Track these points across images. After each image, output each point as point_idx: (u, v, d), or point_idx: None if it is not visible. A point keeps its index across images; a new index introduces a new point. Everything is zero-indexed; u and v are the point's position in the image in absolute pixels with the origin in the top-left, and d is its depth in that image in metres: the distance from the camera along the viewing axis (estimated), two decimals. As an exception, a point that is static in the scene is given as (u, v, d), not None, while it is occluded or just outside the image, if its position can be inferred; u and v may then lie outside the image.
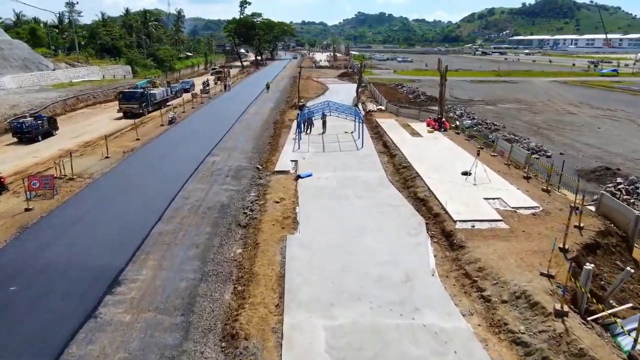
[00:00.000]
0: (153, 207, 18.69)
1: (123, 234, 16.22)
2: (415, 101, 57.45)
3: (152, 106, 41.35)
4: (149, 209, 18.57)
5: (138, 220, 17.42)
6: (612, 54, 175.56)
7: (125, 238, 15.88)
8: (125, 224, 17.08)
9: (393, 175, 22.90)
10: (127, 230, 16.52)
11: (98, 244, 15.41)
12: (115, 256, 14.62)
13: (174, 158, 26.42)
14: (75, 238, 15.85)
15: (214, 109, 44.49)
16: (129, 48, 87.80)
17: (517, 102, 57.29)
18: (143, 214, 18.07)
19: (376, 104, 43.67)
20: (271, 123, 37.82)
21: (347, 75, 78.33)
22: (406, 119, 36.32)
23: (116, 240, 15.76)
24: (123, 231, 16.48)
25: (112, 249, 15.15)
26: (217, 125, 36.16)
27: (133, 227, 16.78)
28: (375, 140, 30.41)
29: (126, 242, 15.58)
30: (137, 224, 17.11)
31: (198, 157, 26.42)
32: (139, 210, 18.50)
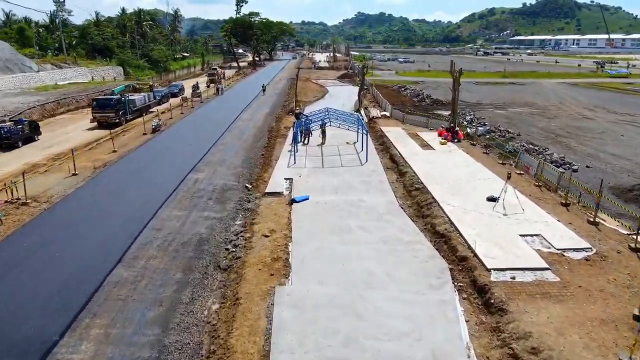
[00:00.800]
0: (114, 244, 15.22)
1: (68, 286, 12.75)
2: (420, 105, 53.99)
3: (131, 114, 36.77)
4: (108, 247, 15.09)
5: (92, 264, 13.95)
6: (616, 54, 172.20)
7: (70, 292, 12.42)
8: (75, 270, 13.60)
9: (404, 199, 19.43)
10: (74, 280, 13.03)
11: (33, 302, 11.95)
12: (51, 320, 11.18)
13: (151, 175, 22.92)
14: (5, 293, 12.38)
15: (204, 115, 40.99)
16: (121, 48, 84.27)
17: (528, 106, 53.80)
18: (100, 254, 14.58)
19: (380, 110, 40.18)
20: (265, 131, 34.34)
21: (347, 77, 74.85)
22: (414, 127, 32.83)
23: (57, 295, 12.29)
24: (69, 281, 13.00)
25: (49, 308, 11.69)
26: (206, 134, 32.70)
27: (83, 275, 13.30)
28: (381, 153, 26.93)
29: (70, 297, 12.12)
30: (90, 269, 13.64)
31: (179, 174, 22.94)
32: (96, 248, 15.01)
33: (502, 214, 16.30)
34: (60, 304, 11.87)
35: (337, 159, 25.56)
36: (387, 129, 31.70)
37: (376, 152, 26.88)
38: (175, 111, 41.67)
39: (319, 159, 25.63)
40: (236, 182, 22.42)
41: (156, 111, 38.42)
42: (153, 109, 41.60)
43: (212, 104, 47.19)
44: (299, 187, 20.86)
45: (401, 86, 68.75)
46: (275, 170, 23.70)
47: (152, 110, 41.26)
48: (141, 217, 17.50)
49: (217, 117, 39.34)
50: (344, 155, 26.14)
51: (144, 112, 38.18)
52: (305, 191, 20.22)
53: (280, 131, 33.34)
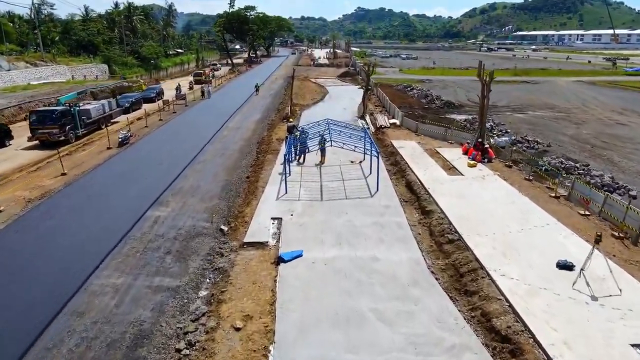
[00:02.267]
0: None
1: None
2: (429, 107, 48.44)
3: (84, 127, 29.45)
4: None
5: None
6: (623, 50, 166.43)
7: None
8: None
9: (434, 256, 13.99)
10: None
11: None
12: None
13: (97, 213, 17.43)
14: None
15: (186, 123, 35.39)
16: (108, 44, 78.41)
17: (549, 109, 48.26)
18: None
19: (388, 116, 34.65)
20: (254, 143, 28.84)
21: (349, 76, 69.15)
22: (430, 140, 27.31)
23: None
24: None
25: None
26: (183, 148, 27.22)
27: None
28: (395, 177, 21.44)
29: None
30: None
31: (135, 211, 17.49)
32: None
33: (588, 296, 10.85)
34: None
35: (340, 185, 20.08)
36: (399, 143, 26.16)
37: (388, 176, 21.39)
38: (153, 118, 36.12)
39: (316, 186, 20.14)
40: (208, 223, 16.96)
41: (127, 120, 32.34)
42: (117, 119, 34.44)
43: (197, 109, 41.54)
44: (290, 232, 15.44)
45: (407, 86, 63.11)
46: (261, 203, 18.23)
47: (115, 120, 34.15)
48: (60, 292, 12.06)
49: (200, 125, 33.77)
50: (349, 181, 20.66)
51: (105, 124, 31.74)
52: (298, 238, 14.83)
53: (272, 144, 27.81)
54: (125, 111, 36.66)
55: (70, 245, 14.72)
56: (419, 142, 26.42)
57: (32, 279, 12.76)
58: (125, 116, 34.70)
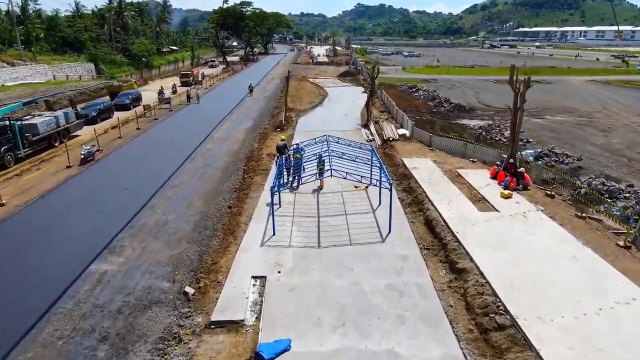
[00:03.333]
0: None
1: None
2: (438, 111, 44.14)
3: (29, 146, 24.07)
4: None
5: None
6: (627, 47, 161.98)
7: None
8: None
9: (478, 353, 9.74)
10: None
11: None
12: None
13: (22, 270, 13.16)
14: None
15: (166, 132, 31.04)
16: (96, 42, 73.88)
17: (569, 113, 43.99)
18: None
19: (395, 125, 30.38)
20: (241, 159, 24.55)
21: (349, 75, 64.71)
22: (448, 157, 23.03)
23: None
24: None
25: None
26: (156, 165, 22.98)
27: None
28: (410, 209, 17.16)
29: None
30: None
31: (76, 263, 13.27)
32: None
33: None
34: None
35: (343, 222, 15.83)
36: (411, 161, 21.84)
37: (401, 207, 17.14)
38: (131, 126, 31.80)
39: (313, 223, 15.90)
40: (169, 281, 12.75)
41: (94, 132, 27.52)
42: (78, 132, 29.20)
43: (183, 115, 37.06)
44: (276, 302, 11.24)
45: (411, 86, 58.70)
46: (242, 251, 14.01)
47: (75, 134, 28.85)
48: None
49: (182, 136, 29.44)
50: (354, 216, 16.41)
51: (60, 140, 26.47)
52: (286, 314, 10.66)
53: (262, 161, 23.52)
54: (92, 122, 31.42)
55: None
56: (435, 159, 22.11)
57: None
58: (93, 127, 29.72)
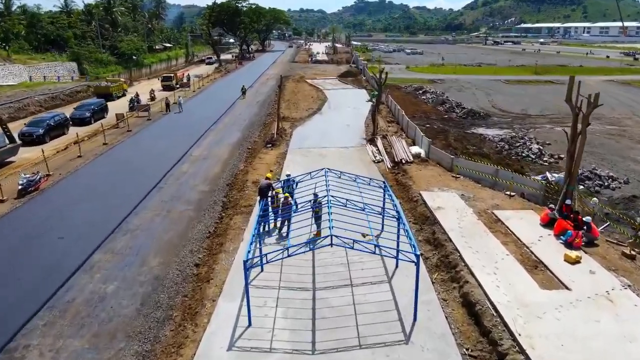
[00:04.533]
0: None
1: None
2: (450, 118, 39.39)
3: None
4: None
5: None
6: (634, 43, 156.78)
7: None
8: None
9: None
10: None
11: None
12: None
13: None
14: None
15: (138, 148, 26.20)
16: (81, 39, 68.84)
17: (595, 119, 38.75)
18: None
19: (405, 140, 25.66)
20: (221, 189, 19.81)
21: (350, 75, 59.73)
22: (476, 188, 18.32)
23: None
24: None
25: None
26: (113, 198, 18.28)
27: None
28: (440, 276, 12.44)
29: None
30: None
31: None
32: None
33: None
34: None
35: (348, 304, 11.17)
36: (432, 196, 17.09)
37: (424, 267, 12.48)
38: (98, 140, 27.02)
39: (306, 305, 11.22)
40: None
41: (42, 154, 21.82)
42: (13, 158, 23.12)
43: (160, 126, 31.89)
44: None
45: (417, 87, 53.82)
46: (199, 358, 9.37)
47: (10, 160, 22.92)
48: None
49: (155, 154, 24.64)
50: (361, 287, 11.78)
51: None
52: None
53: (246, 191, 18.82)
54: (39, 142, 25.62)
55: None
56: (462, 192, 17.37)
57: None
58: (41, 147, 23.71)
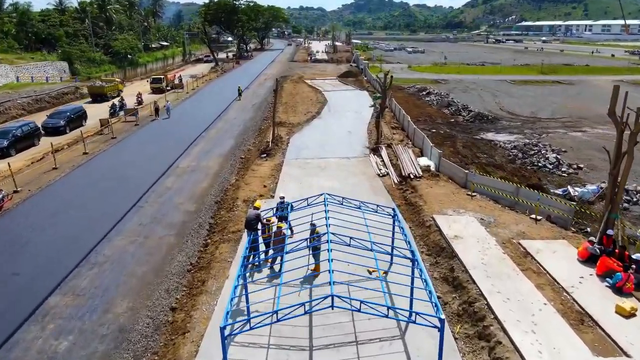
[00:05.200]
0: None
1: None
2: (456, 122, 37.14)
3: None
4: None
5: None
6: (636, 41, 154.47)
7: None
8: None
9: None
10: None
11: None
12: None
13: None
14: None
15: (120, 159, 23.76)
16: (73, 38, 66.45)
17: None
18: None
19: (411, 147, 23.44)
20: (208, 208, 17.58)
21: (351, 76, 57.41)
22: (495, 209, 16.10)
23: None
24: None
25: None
26: (86, 219, 16.05)
27: None
28: (464, 330, 10.21)
29: None
30: None
31: None
32: None
33: None
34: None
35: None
36: (447, 221, 14.86)
37: (444, 314, 10.26)
38: (78, 149, 24.74)
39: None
40: None
41: (9, 168, 19.27)
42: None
43: (146, 133, 29.49)
44: None
45: (421, 88, 51.51)
46: None
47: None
48: None
49: (138, 165, 22.31)
50: (369, 346, 9.59)
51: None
52: None
53: (236, 211, 16.61)
54: (2, 155, 22.90)
55: None
56: (481, 216, 15.15)
57: None
58: (7, 160, 21.14)
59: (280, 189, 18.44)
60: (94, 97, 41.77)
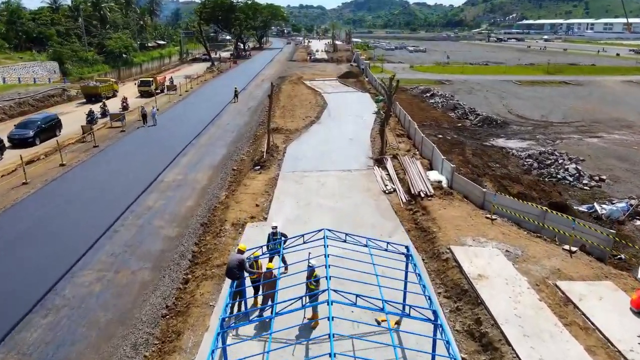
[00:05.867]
0: None
1: None
2: (463, 126, 34.91)
3: None
4: None
5: None
6: (639, 40, 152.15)
7: None
8: None
9: None
10: None
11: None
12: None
13: None
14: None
15: (99, 171, 21.57)
16: (65, 37, 64.15)
17: (627, 127, 34.78)
18: None
19: (419, 158, 21.26)
20: (192, 232, 15.39)
21: (352, 76, 55.12)
22: (520, 236, 13.91)
23: None
24: None
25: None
26: (50, 249, 13.87)
27: None
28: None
29: None
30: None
31: None
32: None
33: None
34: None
35: None
36: (467, 253, 12.68)
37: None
38: (54, 160, 22.51)
39: None
40: None
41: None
42: None
43: (133, 140, 27.03)
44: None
45: (425, 89, 49.22)
46: None
47: None
48: None
49: (119, 179, 20.17)
50: None
51: None
52: None
53: (222, 239, 14.43)
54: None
55: None
56: (507, 248, 12.96)
57: None
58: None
59: (274, 211, 16.27)
60: (88, 97, 40.30)
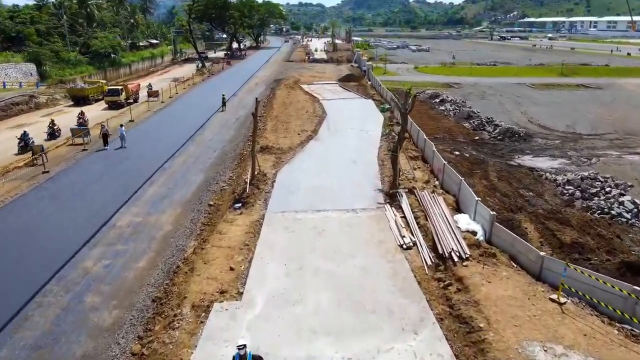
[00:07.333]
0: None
1: None
2: (482, 139, 30.30)
3: None
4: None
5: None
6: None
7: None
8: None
9: None
10: None
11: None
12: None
13: None
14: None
15: (32, 215, 16.77)
16: (46, 36, 59.36)
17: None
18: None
19: (442, 194, 16.70)
20: (133, 321, 10.86)
21: (353, 79, 50.42)
22: (602, 330, 9.38)
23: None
24: None
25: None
26: None
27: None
28: None
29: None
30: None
31: None
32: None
33: None
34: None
35: None
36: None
37: None
38: None
39: None
40: None
41: None
42: None
43: (89, 166, 21.78)
44: None
45: (433, 94, 44.54)
46: None
47: None
48: None
49: (52, 229, 15.60)
50: None
51: None
52: None
53: (176, 332, 9.90)
54: None
55: None
56: None
57: None
58: None
59: (254, 281, 11.73)
60: (76, 100, 38.05)
